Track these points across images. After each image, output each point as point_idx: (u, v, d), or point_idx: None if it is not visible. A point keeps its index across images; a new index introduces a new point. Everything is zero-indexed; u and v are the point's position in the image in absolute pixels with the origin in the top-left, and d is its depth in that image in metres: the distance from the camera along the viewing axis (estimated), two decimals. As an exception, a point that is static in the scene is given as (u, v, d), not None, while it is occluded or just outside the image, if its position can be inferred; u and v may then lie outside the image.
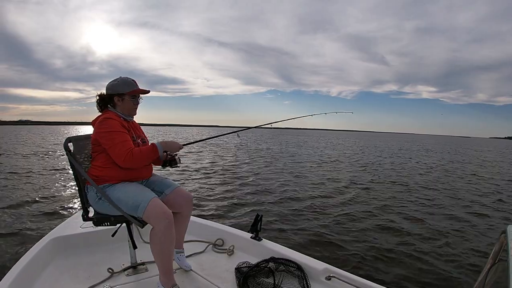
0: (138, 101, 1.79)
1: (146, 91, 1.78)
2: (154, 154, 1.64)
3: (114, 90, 1.71)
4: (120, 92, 1.71)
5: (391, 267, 3.15)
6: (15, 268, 1.66)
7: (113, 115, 1.67)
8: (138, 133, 1.83)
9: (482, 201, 6.52)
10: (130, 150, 1.58)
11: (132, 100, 1.74)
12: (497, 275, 0.79)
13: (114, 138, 1.59)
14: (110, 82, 1.73)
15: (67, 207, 4.95)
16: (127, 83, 1.72)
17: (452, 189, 7.90)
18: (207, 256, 2.16)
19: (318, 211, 5.17)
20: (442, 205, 6.00)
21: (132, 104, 1.75)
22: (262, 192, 6.53)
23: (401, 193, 7.01)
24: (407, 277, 2.95)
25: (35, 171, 8.68)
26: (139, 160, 1.61)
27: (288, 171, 10.07)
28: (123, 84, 1.71)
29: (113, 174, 1.65)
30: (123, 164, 1.60)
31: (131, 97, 1.73)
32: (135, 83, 1.75)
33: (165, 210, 1.58)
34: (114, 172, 1.65)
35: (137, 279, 1.81)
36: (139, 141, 1.78)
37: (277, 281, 1.70)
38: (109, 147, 1.60)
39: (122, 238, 1.87)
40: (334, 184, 7.83)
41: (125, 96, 1.72)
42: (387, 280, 2.85)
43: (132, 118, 1.83)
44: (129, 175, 1.69)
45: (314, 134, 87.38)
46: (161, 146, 1.67)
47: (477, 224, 4.78)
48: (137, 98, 1.77)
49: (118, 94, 1.71)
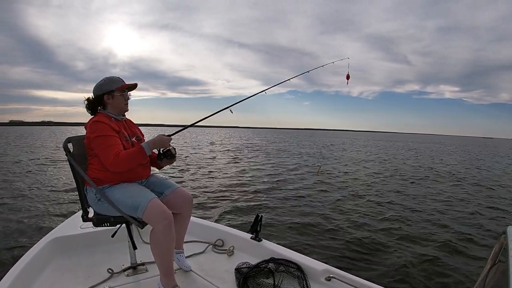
0: (128, 96, 1.78)
1: (133, 85, 1.77)
2: (141, 155, 1.62)
3: (102, 89, 1.71)
4: (109, 89, 1.71)
5: (391, 267, 3.14)
6: (14, 268, 1.65)
7: (102, 118, 1.66)
8: (133, 131, 1.82)
9: (483, 201, 6.53)
10: (117, 154, 1.56)
11: (122, 95, 1.74)
12: (497, 276, 0.79)
13: (101, 143, 1.59)
14: (96, 84, 1.73)
15: (67, 208, 4.95)
16: (114, 80, 1.73)
17: (452, 189, 7.90)
18: (207, 256, 2.15)
19: (319, 211, 5.16)
20: (443, 205, 6.00)
21: (123, 100, 1.74)
22: (262, 193, 6.52)
23: (401, 194, 7.01)
24: (407, 278, 2.94)
25: (35, 171, 8.68)
26: (126, 163, 1.59)
27: (288, 171, 10.07)
28: (110, 82, 1.72)
29: (111, 175, 1.65)
30: (110, 168, 1.58)
31: (120, 93, 1.73)
32: (121, 79, 1.75)
33: (165, 211, 1.57)
34: (111, 173, 1.64)
35: (137, 280, 1.81)
36: (134, 140, 1.78)
37: (277, 281, 1.70)
38: (98, 151, 1.61)
39: (122, 239, 1.87)
40: (335, 184, 7.84)
41: (115, 92, 1.71)
42: (387, 281, 2.84)
43: (123, 117, 1.82)
44: (127, 175, 1.69)
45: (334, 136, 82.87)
46: (148, 146, 1.65)
47: (477, 224, 4.78)
48: (126, 94, 1.76)
49: (108, 92, 1.71)
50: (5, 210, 4.73)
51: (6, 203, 5.14)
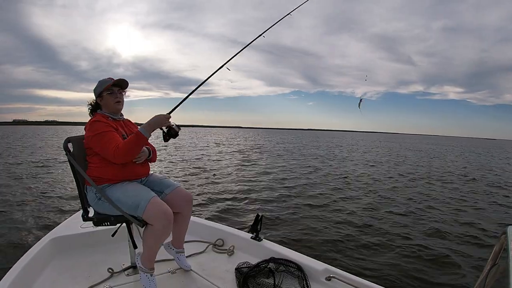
0: (117, 95, 1.77)
1: (118, 81, 1.74)
2: (140, 139, 1.60)
3: (96, 93, 1.77)
4: (99, 92, 1.75)
5: (391, 267, 3.14)
6: (15, 268, 1.66)
7: (99, 117, 1.70)
8: (130, 130, 1.84)
9: (484, 201, 6.52)
10: (117, 146, 1.59)
11: (111, 96, 1.75)
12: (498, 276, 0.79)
13: (100, 139, 1.62)
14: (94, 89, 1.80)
15: (67, 207, 4.95)
16: (103, 82, 1.76)
17: (453, 190, 7.90)
18: (207, 256, 2.15)
19: (319, 211, 5.16)
20: (443, 205, 5.99)
21: (112, 99, 1.75)
22: (262, 192, 6.53)
23: (402, 194, 7.00)
24: (407, 278, 2.94)
25: (36, 171, 8.69)
26: (128, 150, 1.59)
27: (289, 171, 10.07)
28: (100, 85, 1.76)
29: (109, 173, 1.66)
30: (114, 159, 1.60)
31: (107, 92, 1.74)
32: (110, 79, 1.76)
33: (165, 210, 1.58)
34: (110, 171, 1.66)
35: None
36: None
37: (277, 281, 1.70)
38: (99, 149, 1.63)
39: (122, 238, 1.87)
40: (336, 184, 7.84)
41: (103, 93, 1.74)
42: (387, 281, 2.84)
43: (120, 117, 1.83)
44: (126, 174, 1.69)
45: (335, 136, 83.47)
46: (145, 130, 1.62)
47: (477, 224, 4.77)
48: (115, 93, 1.76)
49: (99, 95, 1.76)
50: (5, 210, 4.73)
51: (6, 203, 5.15)
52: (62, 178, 7.71)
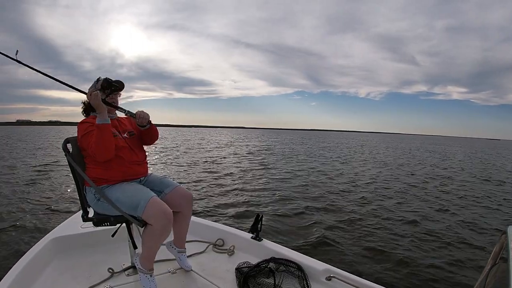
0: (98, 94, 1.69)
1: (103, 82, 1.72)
2: (100, 128, 1.59)
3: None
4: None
5: (391, 267, 3.14)
6: (15, 268, 1.66)
7: (88, 119, 1.73)
8: (123, 128, 1.84)
9: (483, 201, 6.51)
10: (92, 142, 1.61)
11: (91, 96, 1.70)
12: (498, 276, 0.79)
13: (86, 139, 1.64)
14: None
15: (67, 208, 4.95)
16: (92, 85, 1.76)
17: (453, 189, 7.89)
18: (208, 256, 2.15)
19: (319, 211, 5.16)
20: (443, 205, 5.99)
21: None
22: (262, 192, 6.53)
23: (401, 193, 7.00)
24: (407, 278, 2.94)
25: (36, 171, 8.69)
26: (98, 143, 1.57)
27: (289, 171, 10.07)
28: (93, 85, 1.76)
29: (107, 174, 1.66)
30: (96, 156, 1.60)
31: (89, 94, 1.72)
32: (95, 81, 1.76)
33: (165, 209, 1.57)
34: (108, 172, 1.66)
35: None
36: (125, 135, 1.80)
37: (278, 281, 1.70)
38: (87, 148, 1.64)
39: (122, 238, 1.87)
40: (336, 184, 7.83)
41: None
42: (387, 281, 2.84)
43: (113, 115, 1.82)
44: (123, 174, 1.70)
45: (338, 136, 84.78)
46: (98, 117, 1.61)
47: (477, 224, 4.77)
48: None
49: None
50: (6, 210, 4.73)
51: (7, 203, 5.15)
52: (62, 178, 7.72)
